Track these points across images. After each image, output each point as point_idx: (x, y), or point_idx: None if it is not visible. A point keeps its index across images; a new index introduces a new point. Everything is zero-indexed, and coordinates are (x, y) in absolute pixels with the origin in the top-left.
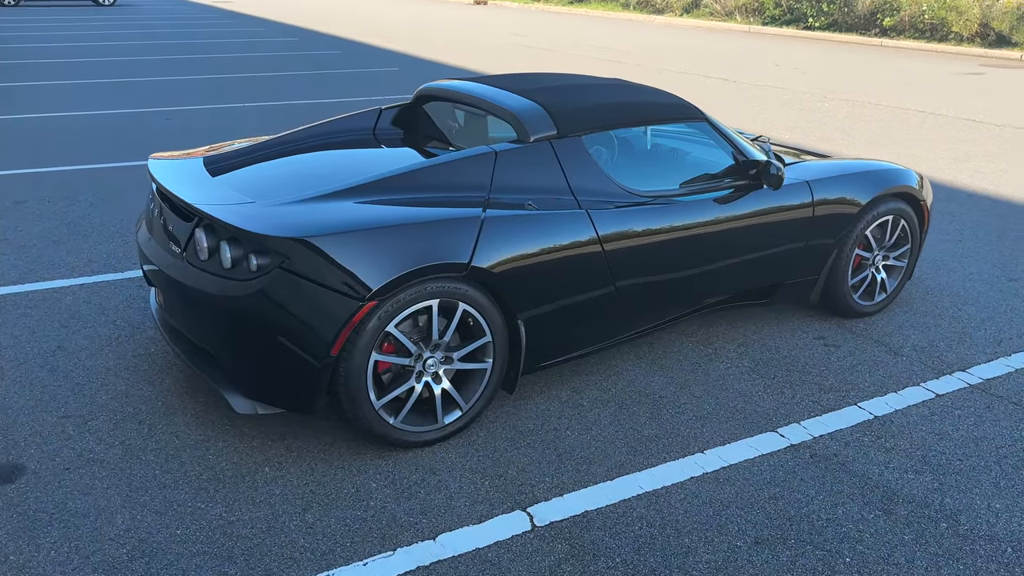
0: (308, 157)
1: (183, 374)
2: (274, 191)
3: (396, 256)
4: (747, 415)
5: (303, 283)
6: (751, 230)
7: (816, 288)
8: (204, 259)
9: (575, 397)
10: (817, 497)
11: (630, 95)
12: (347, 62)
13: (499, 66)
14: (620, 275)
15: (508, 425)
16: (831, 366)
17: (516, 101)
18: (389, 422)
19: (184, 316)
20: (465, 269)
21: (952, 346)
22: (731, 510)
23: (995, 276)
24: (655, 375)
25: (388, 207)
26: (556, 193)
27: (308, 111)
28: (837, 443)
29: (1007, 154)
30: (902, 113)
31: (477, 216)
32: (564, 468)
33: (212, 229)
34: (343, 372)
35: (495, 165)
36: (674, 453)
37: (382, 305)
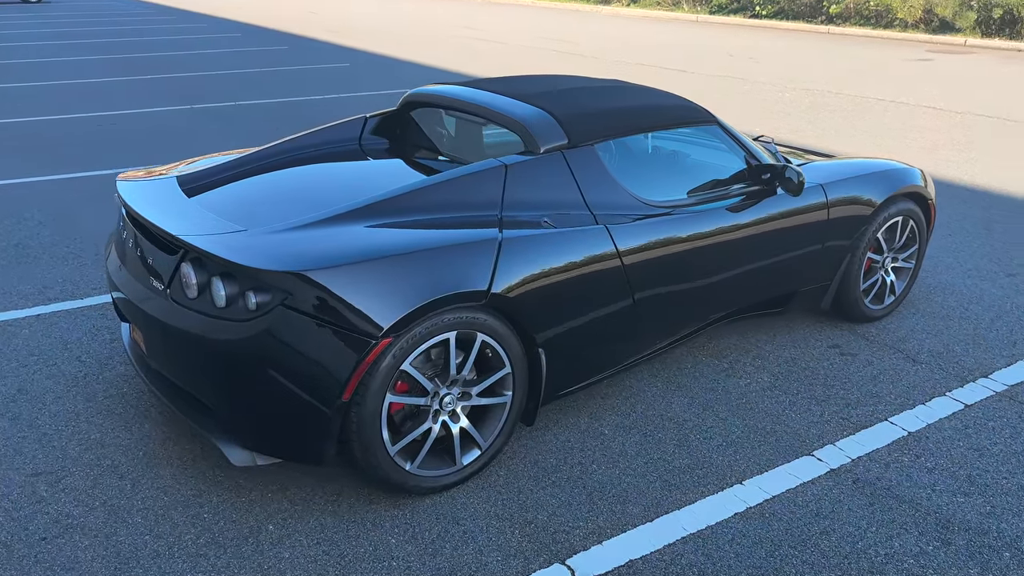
0: (295, 175)
1: (163, 417)
2: (265, 216)
3: (411, 287)
4: (779, 437)
5: (309, 321)
6: (768, 237)
7: (828, 294)
8: (193, 297)
9: (595, 425)
10: (870, 529)
11: (638, 98)
12: (295, 58)
13: (456, 61)
14: (640, 293)
15: (528, 461)
16: (852, 377)
17: (521, 108)
18: (405, 468)
19: (169, 360)
20: (484, 297)
21: (968, 350)
22: (783, 549)
23: (993, 272)
24: (674, 395)
25: (397, 231)
26: (570, 208)
27: (258, 112)
28: (877, 465)
29: (974, 142)
30: (863, 102)
31: (494, 238)
32: (598, 509)
33: (200, 263)
34: (355, 417)
35: (506, 179)
36: (711, 486)
37: (397, 342)
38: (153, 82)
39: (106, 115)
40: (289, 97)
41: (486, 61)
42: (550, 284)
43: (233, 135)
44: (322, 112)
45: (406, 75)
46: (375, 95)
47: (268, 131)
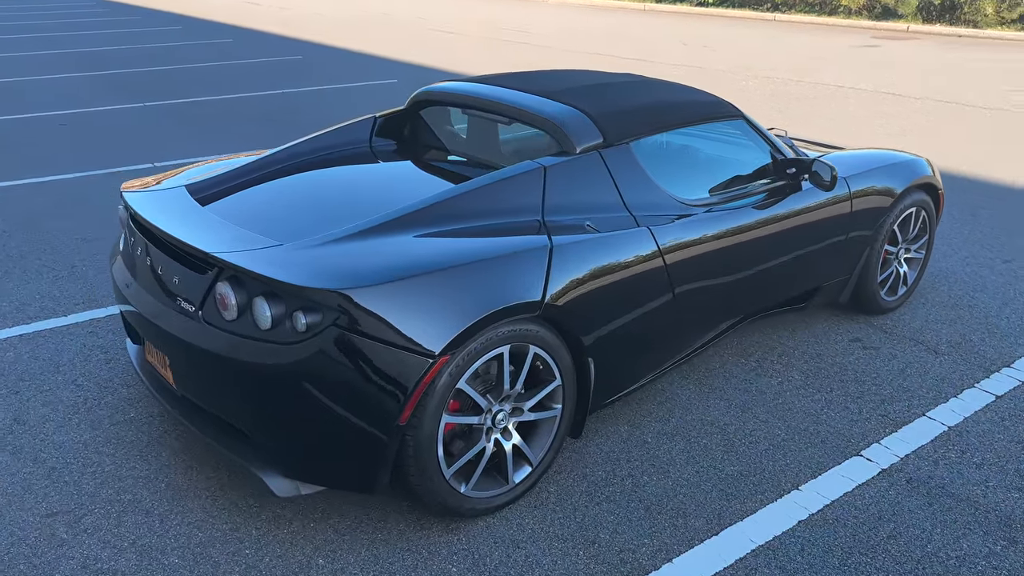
0: (314, 181)
1: (180, 444)
2: (298, 228)
3: (466, 300)
4: (824, 438)
5: (364, 342)
6: (798, 231)
7: (848, 287)
8: (232, 319)
9: (636, 433)
10: (935, 531)
11: (666, 94)
12: (243, 51)
13: (410, 52)
14: (681, 295)
15: (576, 475)
16: (881, 372)
17: (552, 107)
18: (460, 491)
19: (202, 386)
20: (539, 308)
21: (985, 339)
22: (855, 557)
23: (989, 258)
24: (709, 398)
25: (445, 241)
26: (610, 210)
27: (215, 108)
28: (927, 463)
29: (939, 128)
30: (823, 89)
31: (544, 245)
32: (659, 525)
33: (239, 282)
34: (411, 441)
35: (545, 182)
36: (768, 493)
37: (454, 359)
38: (98, 79)
39: (56, 114)
40: (245, 92)
41: (442, 52)
42: (599, 290)
43: (194, 134)
44: (284, 107)
45: (362, 67)
46: (335, 88)
47: (229, 129)
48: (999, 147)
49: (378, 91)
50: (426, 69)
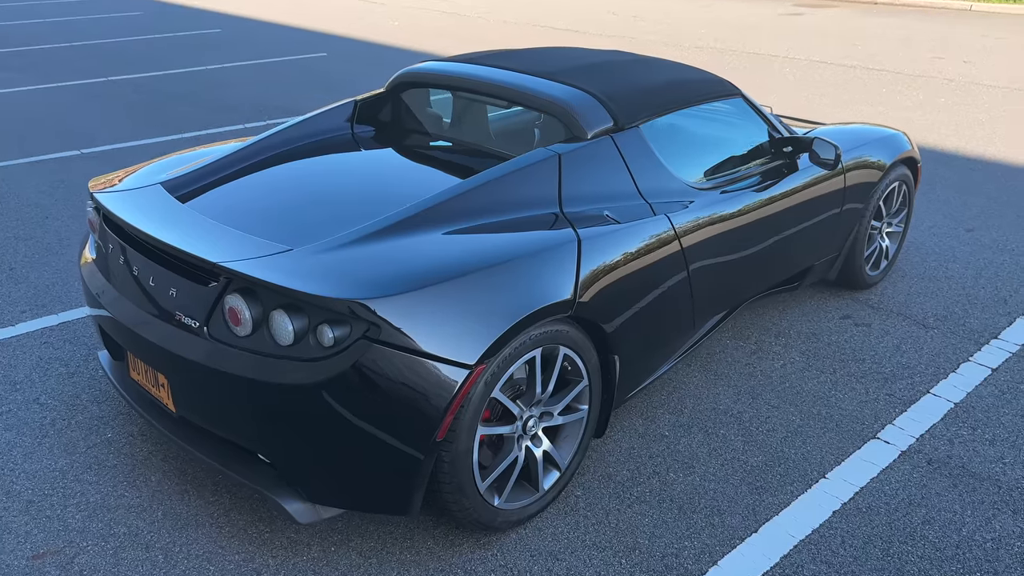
0: (303, 175)
1: (170, 465)
2: (303, 229)
3: (501, 304)
4: (838, 422)
5: (397, 355)
6: (799, 209)
7: (837, 264)
8: (246, 334)
9: (652, 427)
10: (966, 514)
11: (667, 72)
12: (155, 24)
13: (335, 23)
14: (696, 282)
15: (601, 476)
16: (877, 349)
17: (557, 89)
18: (494, 505)
19: (209, 408)
20: (571, 307)
21: (968, 311)
22: (896, 546)
23: (952, 228)
24: (717, 385)
25: (473, 239)
26: (625, 198)
27: (137, 88)
28: (942, 442)
29: (881, 96)
30: (759, 59)
31: (572, 239)
32: (696, 525)
33: (252, 294)
34: (447, 457)
35: (561, 170)
36: (796, 483)
37: (489, 367)
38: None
39: None
40: (163, 70)
41: (370, 24)
42: (624, 285)
43: (119, 116)
44: (210, 84)
45: (285, 39)
46: (261, 63)
47: (156, 109)
48: (938, 115)
49: (309, 64)
50: (354, 41)
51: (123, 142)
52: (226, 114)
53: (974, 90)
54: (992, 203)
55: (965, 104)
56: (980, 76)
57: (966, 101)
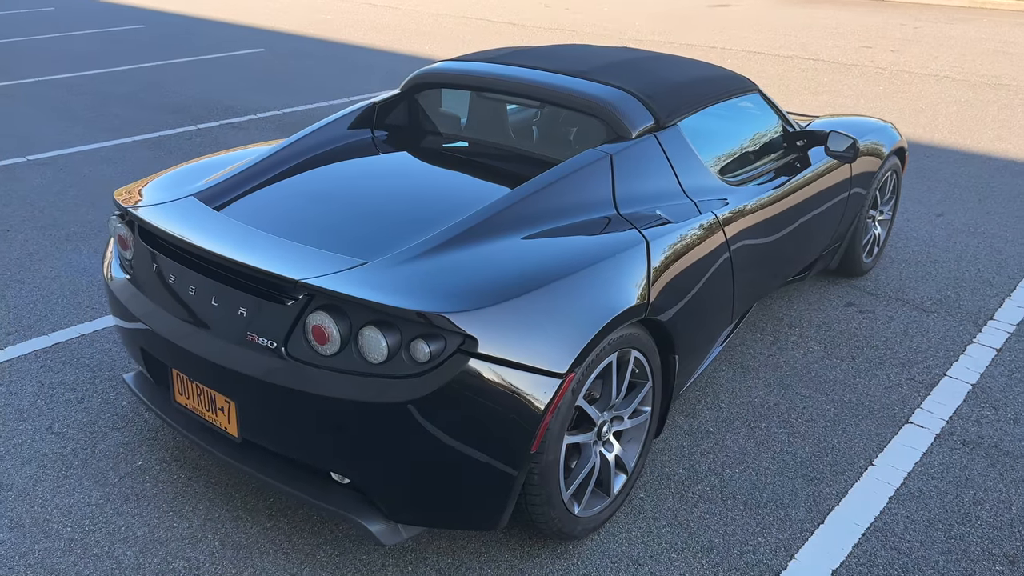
0: (345, 182)
1: (215, 492)
2: (368, 240)
3: (585, 310)
4: (870, 409)
5: (492, 368)
6: (817, 200)
7: (839, 252)
8: (333, 352)
9: (696, 423)
10: (1011, 492)
11: (692, 69)
12: (74, 20)
13: (261, 16)
14: (737, 276)
15: (659, 477)
16: (887, 335)
17: (597, 88)
18: (575, 513)
19: (285, 431)
20: (645, 310)
21: (960, 293)
22: (956, 528)
23: (924, 214)
24: (746, 378)
25: (550, 243)
26: (672, 197)
27: (70, 88)
28: (971, 424)
29: (821, 85)
30: (696, 50)
31: (640, 241)
32: (765, 520)
33: (338, 311)
34: (537, 469)
35: (613, 171)
36: (848, 472)
37: (577, 375)
38: None
39: None
40: (94, 69)
41: (299, 18)
42: (683, 285)
43: (58, 119)
44: (148, 84)
45: (214, 35)
46: (196, 60)
47: (96, 112)
48: (880, 102)
49: (248, 61)
50: (290, 36)
51: (71, 147)
52: (174, 115)
53: (907, 78)
54: (953, 188)
55: (902, 92)
56: (909, 64)
57: (902, 89)
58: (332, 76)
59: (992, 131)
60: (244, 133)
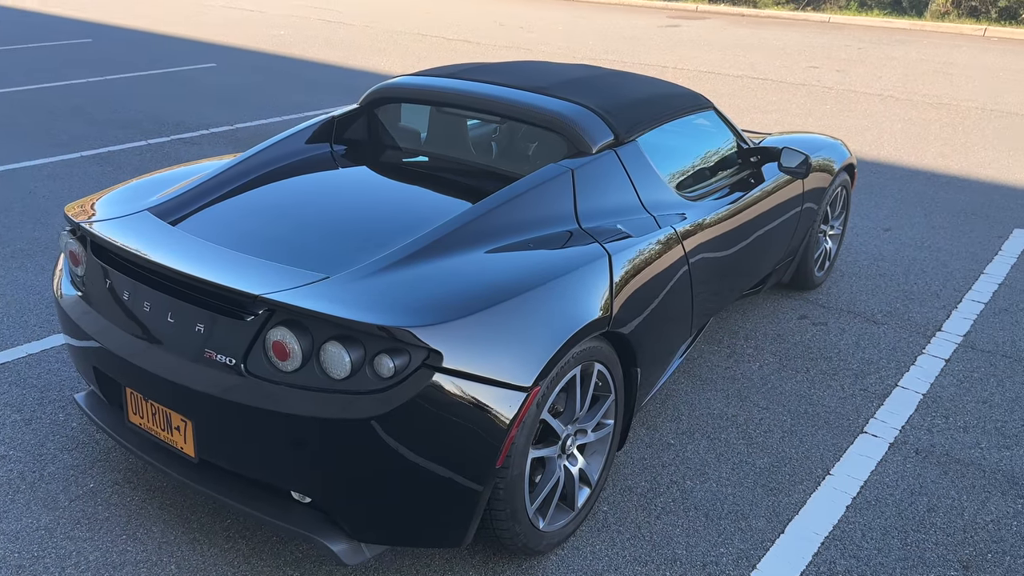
0: (303, 196)
1: (169, 513)
2: (330, 254)
3: (550, 323)
4: (826, 420)
5: (458, 382)
6: (771, 215)
7: (792, 266)
8: (294, 369)
9: (656, 435)
10: (962, 499)
11: (649, 87)
12: (24, 34)
13: (215, 33)
14: (696, 289)
15: (621, 489)
16: (839, 347)
17: (556, 104)
18: (540, 528)
19: (244, 449)
20: (608, 323)
21: (909, 306)
22: (912, 536)
23: (872, 229)
24: (704, 390)
25: (514, 256)
26: (632, 212)
27: (13, 102)
28: (923, 432)
29: (770, 104)
30: (654, 70)
31: (602, 255)
32: (726, 531)
33: (299, 326)
34: (503, 484)
35: (575, 186)
36: (806, 482)
37: (542, 388)
38: None
39: None
40: (43, 83)
41: (253, 34)
42: (644, 297)
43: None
44: (97, 98)
45: (164, 50)
46: (146, 75)
47: (42, 128)
48: (828, 120)
49: (199, 76)
50: (242, 51)
51: (16, 162)
52: (124, 130)
53: (853, 97)
54: (900, 204)
55: (848, 111)
56: (853, 84)
57: (848, 108)
58: (286, 91)
59: (935, 148)
60: (196, 148)
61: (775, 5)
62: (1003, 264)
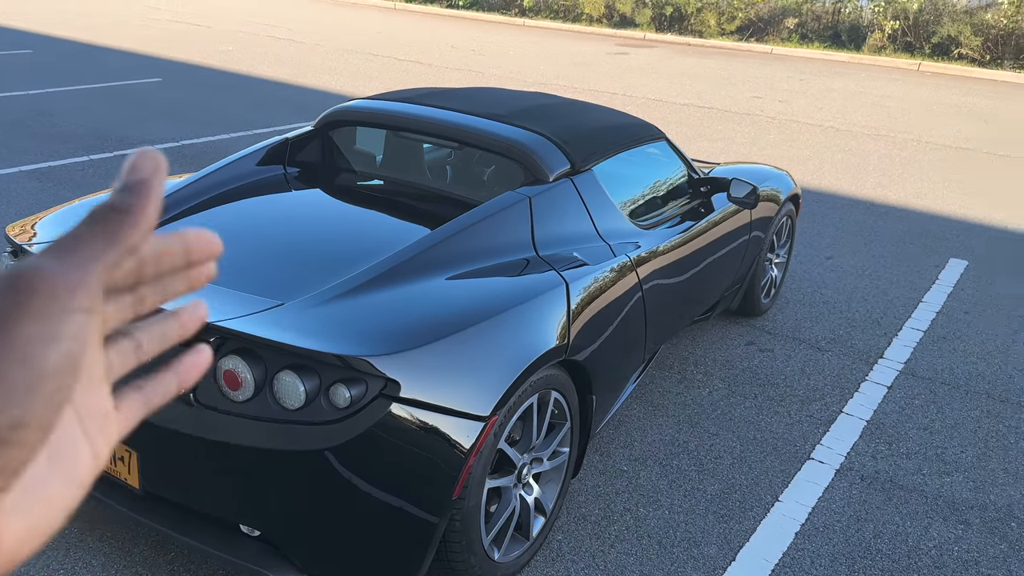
0: (255, 220)
1: (110, 546)
2: (284, 280)
3: (509, 351)
4: (774, 446)
5: (416, 412)
6: (720, 243)
7: (740, 293)
8: (246, 399)
9: (609, 462)
10: (906, 525)
11: (604, 116)
12: None
13: (160, 46)
14: (650, 317)
15: (576, 518)
16: (786, 373)
17: (513, 132)
18: (495, 559)
19: (191, 482)
20: (566, 350)
21: (852, 332)
22: (858, 562)
23: (815, 257)
24: (657, 416)
25: (473, 284)
26: (588, 240)
27: None
28: (868, 459)
29: (717, 132)
30: (600, 96)
31: (560, 283)
32: (679, 559)
33: (252, 355)
34: (459, 516)
35: (532, 214)
36: (756, 508)
37: (499, 417)
38: None
39: None
40: None
41: (201, 49)
42: (600, 325)
43: None
44: (36, 111)
45: (107, 62)
46: (91, 88)
47: None
48: (772, 150)
49: (145, 90)
50: (189, 66)
51: None
52: (65, 145)
53: (795, 127)
54: (841, 233)
55: (791, 141)
56: (796, 115)
57: (791, 138)
58: (235, 108)
59: (874, 179)
60: None
61: (720, 36)
62: (940, 292)
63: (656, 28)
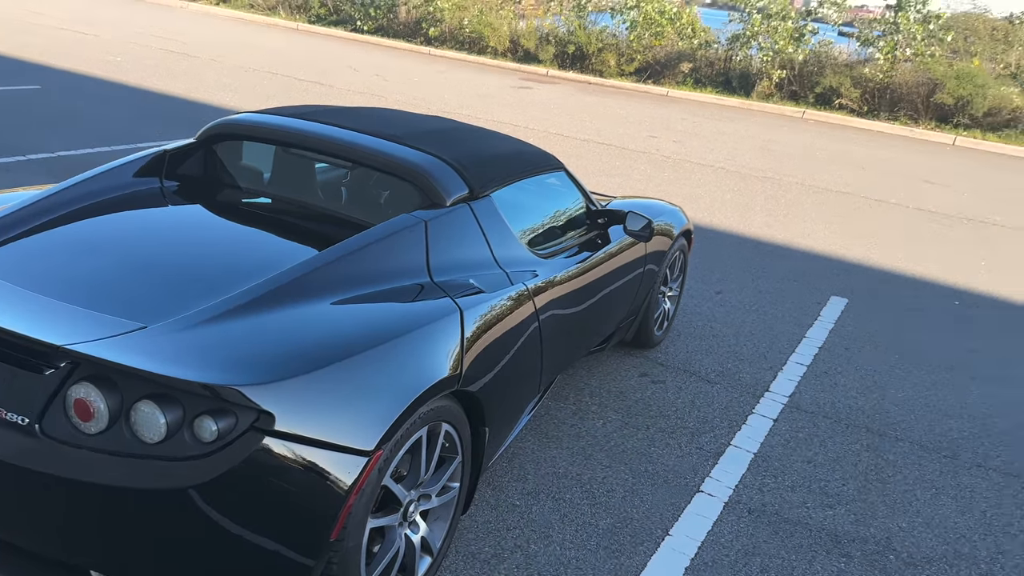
0: (122, 236)
1: None
2: (148, 301)
3: (394, 381)
4: (665, 478)
5: (290, 446)
6: (616, 275)
7: (634, 325)
8: (99, 431)
9: (501, 496)
10: (792, 559)
11: (503, 144)
12: None
13: (48, 56)
14: (545, 347)
15: (465, 555)
16: (677, 405)
17: (411, 154)
18: None
19: (35, 522)
20: (458, 381)
21: (740, 366)
22: None
23: (705, 291)
24: (550, 448)
25: (359, 310)
26: (485, 267)
27: None
28: (755, 492)
29: (616, 168)
30: (506, 128)
31: (454, 310)
32: None
33: (107, 382)
34: (336, 559)
35: (427, 238)
36: (646, 543)
37: (385, 452)
38: None
39: None
40: None
41: (86, 58)
42: (494, 355)
43: None
44: None
45: None
46: None
47: None
48: (667, 187)
49: (21, 97)
50: (72, 74)
51: None
52: None
53: (688, 167)
54: (730, 269)
55: (684, 179)
56: (689, 155)
57: (685, 177)
58: (119, 120)
59: (760, 218)
60: (10, 175)
61: (620, 76)
62: (822, 329)
63: (559, 65)
